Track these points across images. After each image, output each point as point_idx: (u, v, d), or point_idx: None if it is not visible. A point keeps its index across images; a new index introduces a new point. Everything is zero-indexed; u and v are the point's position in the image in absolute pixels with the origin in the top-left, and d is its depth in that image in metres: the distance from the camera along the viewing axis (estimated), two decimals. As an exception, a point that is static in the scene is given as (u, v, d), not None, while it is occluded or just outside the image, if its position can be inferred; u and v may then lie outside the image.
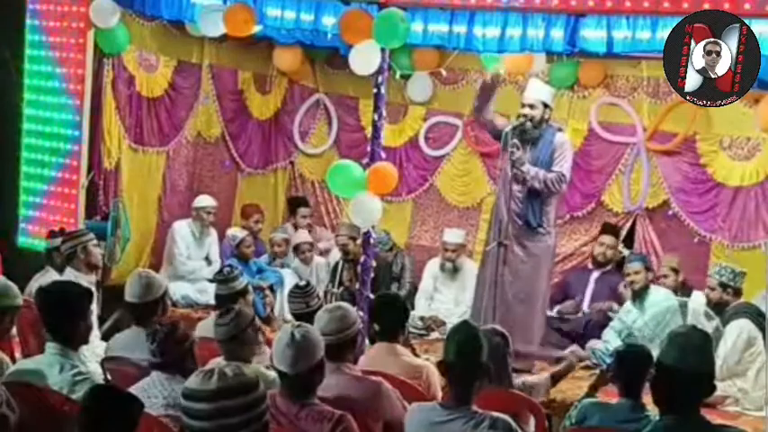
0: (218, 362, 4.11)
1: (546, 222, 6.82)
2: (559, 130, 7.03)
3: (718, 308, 6.60)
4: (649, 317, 6.88)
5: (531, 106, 6.81)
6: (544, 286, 6.92)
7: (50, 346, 4.04)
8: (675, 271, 7.34)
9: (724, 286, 6.56)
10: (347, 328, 4.20)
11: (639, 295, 6.98)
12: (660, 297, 6.97)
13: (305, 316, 4.62)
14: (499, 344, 4.45)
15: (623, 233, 8.08)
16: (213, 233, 8.49)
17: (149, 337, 3.98)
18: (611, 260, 7.84)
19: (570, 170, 6.90)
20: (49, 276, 6.14)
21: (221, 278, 5.54)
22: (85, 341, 4.19)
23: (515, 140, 6.69)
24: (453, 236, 8.11)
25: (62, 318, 4.06)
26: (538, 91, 6.92)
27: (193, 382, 2.84)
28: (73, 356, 4.02)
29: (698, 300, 7.05)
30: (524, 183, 6.70)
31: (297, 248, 8.40)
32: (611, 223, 8.07)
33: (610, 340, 6.96)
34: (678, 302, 6.97)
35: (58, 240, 6.36)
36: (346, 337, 4.19)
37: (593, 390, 4.82)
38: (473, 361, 3.62)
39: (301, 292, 5.11)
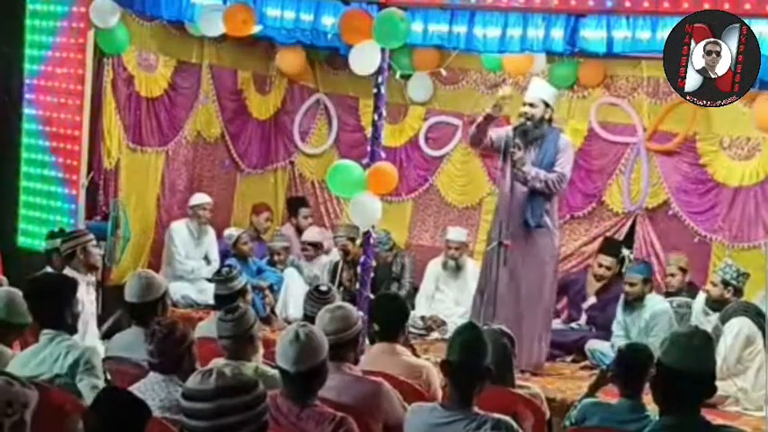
0: (218, 361, 4.11)
1: (548, 222, 6.82)
2: (561, 131, 7.05)
3: (716, 305, 6.62)
4: (644, 324, 6.87)
5: (532, 105, 6.82)
6: (548, 286, 6.91)
7: (44, 333, 4.21)
8: (683, 270, 7.29)
9: (726, 284, 6.58)
10: (349, 328, 4.19)
11: (632, 305, 6.98)
12: (654, 303, 6.97)
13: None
14: (505, 345, 4.44)
15: (626, 251, 7.95)
16: (211, 232, 8.47)
17: (148, 337, 3.98)
18: (611, 277, 7.75)
19: (571, 171, 6.91)
20: (48, 277, 6.15)
21: (220, 278, 5.53)
22: (75, 330, 4.35)
23: (517, 141, 6.70)
24: (456, 234, 8.12)
25: (48, 307, 4.26)
26: (539, 90, 6.93)
27: (192, 382, 2.85)
28: (65, 336, 4.21)
29: (697, 298, 7.07)
30: (525, 183, 6.71)
31: (304, 245, 8.41)
32: (614, 240, 7.96)
33: (617, 342, 6.91)
34: (678, 303, 6.94)
35: (58, 241, 6.36)
36: (347, 338, 4.18)
37: (593, 390, 4.81)
38: (476, 362, 3.60)
39: (321, 297, 5.03)
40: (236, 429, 2.81)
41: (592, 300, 7.73)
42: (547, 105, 6.85)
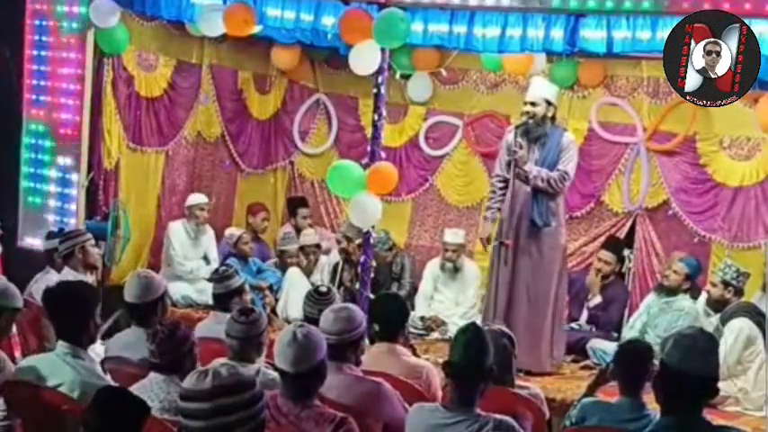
0: (218, 362, 4.10)
1: (555, 220, 6.81)
2: (564, 130, 7.05)
3: (717, 305, 6.61)
4: (672, 318, 6.88)
5: (534, 103, 6.81)
6: (556, 285, 6.89)
7: (61, 345, 4.04)
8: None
9: (726, 284, 6.58)
10: (352, 329, 4.18)
11: (665, 291, 7.00)
12: (687, 301, 6.98)
13: (317, 322, 4.58)
14: (506, 345, 4.43)
15: (626, 251, 7.99)
16: (209, 231, 8.45)
17: (150, 337, 3.97)
18: (611, 274, 7.77)
19: (574, 170, 6.90)
20: (49, 277, 6.09)
21: (217, 277, 5.52)
22: (94, 340, 4.21)
23: (519, 140, 6.69)
24: (454, 236, 8.10)
25: (73, 317, 4.06)
26: (541, 88, 6.92)
27: (189, 382, 2.86)
28: (85, 357, 4.04)
29: (699, 299, 7.06)
30: (527, 182, 6.70)
31: (302, 250, 8.36)
32: (617, 238, 8.00)
33: (635, 324, 6.92)
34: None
35: (56, 241, 6.35)
36: (350, 339, 4.17)
37: (592, 389, 4.80)
38: (478, 363, 3.60)
39: (321, 298, 4.99)
40: (234, 428, 2.81)
41: (597, 299, 7.72)
42: (549, 104, 6.85)
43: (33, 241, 7.92)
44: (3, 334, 4.52)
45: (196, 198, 8.40)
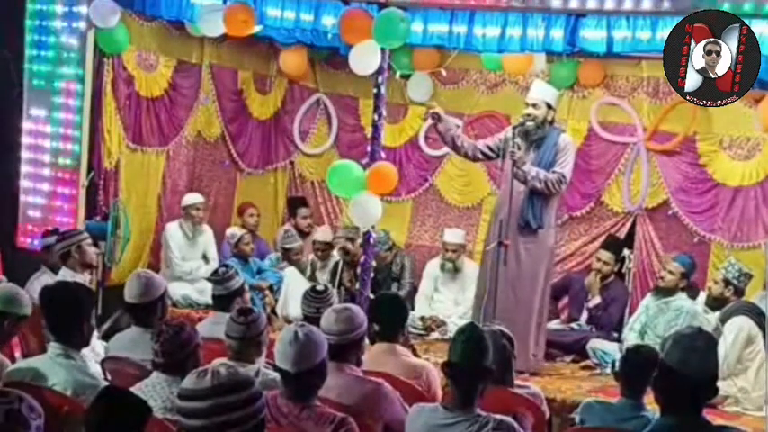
0: (218, 362, 4.10)
1: (546, 223, 6.82)
2: (562, 131, 7.05)
3: (716, 303, 6.62)
4: (671, 316, 6.87)
5: (535, 105, 6.81)
6: (543, 286, 6.90)
7: (54, 347, 4.04)
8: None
9: (727, 283, 6.60)
10: (353, 330, 4.18)
11: (662, 293, 6.98)
12: (685, 301, 6.96)
13: (315, 321, 4.59)
14: (505, 346, 4.45)
15: (626, 251, 7.98)
16: (207, 231, 8.46)
17: (154, 336, 3.97)
18: (610, 274, 7.78)
19: (571, 172, 6.91)
20: (45, 277, 6.08)
21: (217, 279, 5.51)
22: (87, 343, 4.20)
23: (517, 140, 6.69)
24: (454, 236, 8.11)
25: (67, 318, 4.07)
26: (542, 91, 6.93)
27: (188, 381, 2.87)
28: (77, 358, 4.03)
29: (697, 299, 7.07)
30: (525, 183, 6.70)
31: (315, 243, 8.37)
32: (615, 238, 8.00)
33: (629, 339, 6.91)
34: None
35: (52, 240, 6.34)
36: (351, 339, 4.16)
37: None
38: (478, 363, 3.61)
39: (317, 297, 5.04)
40: (233, 427, 2.82)
41: (597, 299, 7.71)
42: (549, 107, 6.85)
43: (33, 241, 7.91)
44: (5, 339, 4.51)
45: (192, 198, 8.40)
